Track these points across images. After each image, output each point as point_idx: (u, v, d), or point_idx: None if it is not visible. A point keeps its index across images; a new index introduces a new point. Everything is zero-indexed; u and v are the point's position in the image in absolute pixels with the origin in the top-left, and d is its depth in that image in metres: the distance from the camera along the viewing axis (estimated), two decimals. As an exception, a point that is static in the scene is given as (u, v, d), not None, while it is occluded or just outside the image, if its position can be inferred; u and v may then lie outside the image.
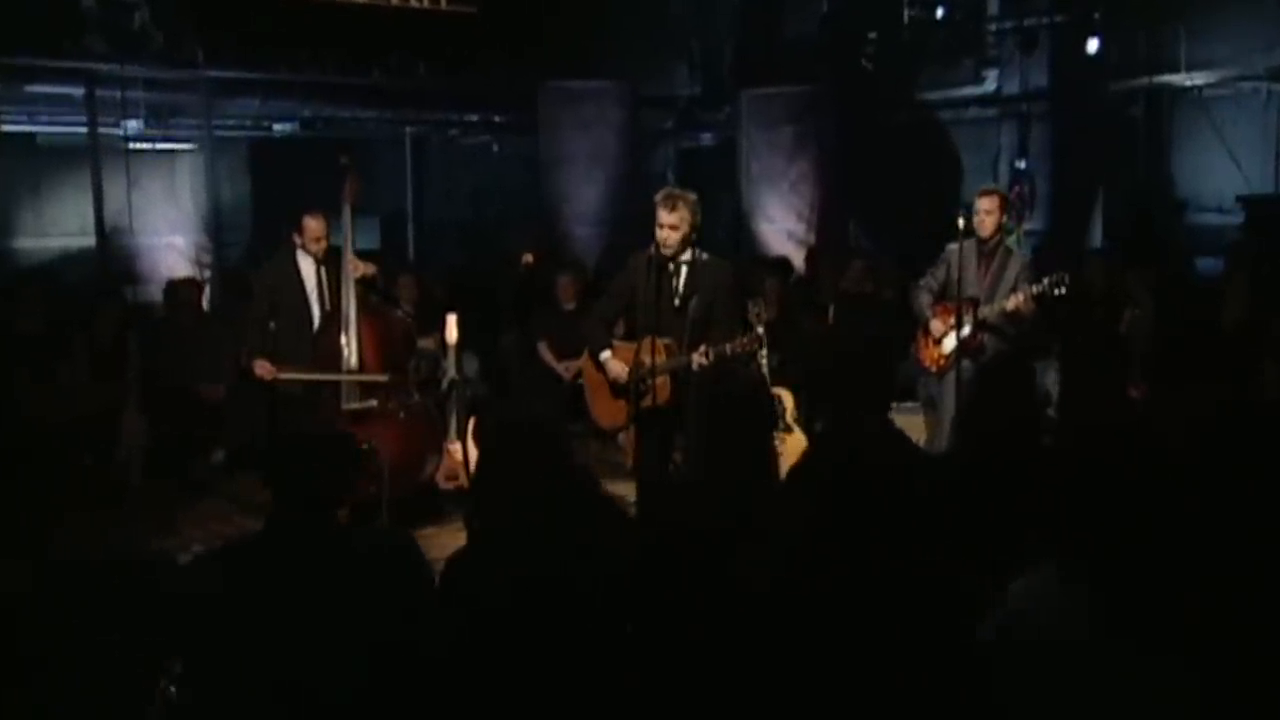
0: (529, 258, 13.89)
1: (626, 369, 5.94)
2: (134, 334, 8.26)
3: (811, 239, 12.95)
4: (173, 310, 9.01)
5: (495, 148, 15.64)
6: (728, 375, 3.18)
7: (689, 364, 5.69)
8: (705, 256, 5.99)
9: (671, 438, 6.00)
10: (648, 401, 5.78)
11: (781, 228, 13.02)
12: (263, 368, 6.60)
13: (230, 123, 13.29)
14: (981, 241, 6.78)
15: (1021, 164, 13.41)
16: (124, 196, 11.84)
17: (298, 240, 6.78)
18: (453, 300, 9.72)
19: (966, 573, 2.40)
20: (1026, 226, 12.95)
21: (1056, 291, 6.51)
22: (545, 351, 9.33)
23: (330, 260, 6.78)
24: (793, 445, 7.38)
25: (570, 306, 9.43)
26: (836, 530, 2.31)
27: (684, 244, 5.84)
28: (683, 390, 5.80)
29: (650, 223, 5.87)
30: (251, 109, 13.38)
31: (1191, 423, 2.86)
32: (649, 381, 5.74)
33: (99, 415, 7.76)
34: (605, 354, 6.07)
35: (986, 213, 6.78)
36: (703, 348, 5.67)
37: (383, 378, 6.56)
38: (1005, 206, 6.95)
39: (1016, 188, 13.26)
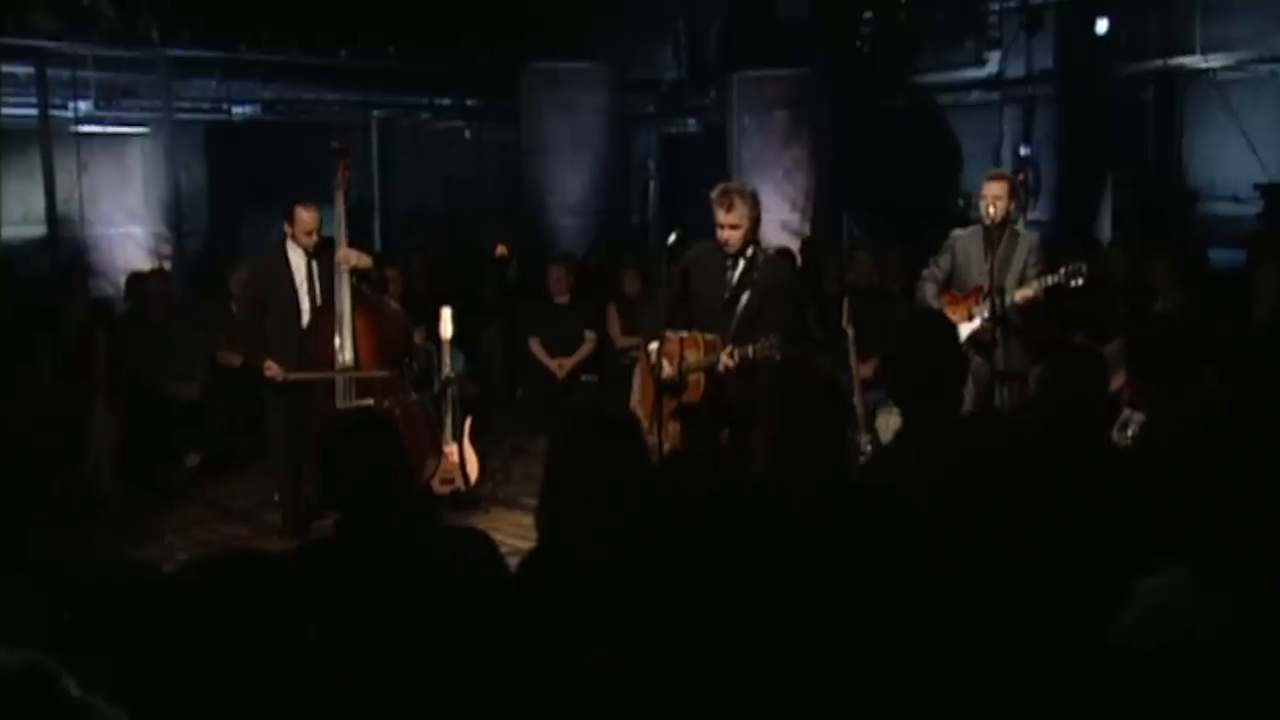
0: (502, 249, 13.92)
1: (668, 362, 6.02)
2: (102, 330, 8.21)
3: (806, 230, 13.00)
4: (140, 304, 8.95)
5: (468, 133, 15.65)
6: (803, 368, 3.22)
7: (717, 363, 5.80)
8: (770, 251, 6.13)
9: (716, 437, 6.12)
10: (675, 399, 5.89)
11: (774, 218, 12.99)
12: (271, 368, 6.57)
13: (186, 105, 13.20)
14: (988, 227, 6.79)
15: (1025, 151, 13.51)
16: (72, 183, 11.77)
17: (288, 231, 6.75)
18: (435, 294, 9.76)
19: (1090, 569, 2.47)
20: (1031, 217, 13.05)
21: (1073, 283, 6.55)
22: (537, 348, 9.34)
23: (322, 253, 6.76)
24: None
25: (563, 300, 9.45)
26: (980, 524, 2.37)
27: (746, 239, 5.96)
28: (717, 388, 5.93)
29: (638, 214, 5.93)
30: (209, 90, 13.32)
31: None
32: (680, 378, 5.85)
33: (66, 418, 7.71)
34: (654, 344, 6.07)
35: (995, 198, 6.74)
36: (729, 348, 5.76)
37: (384, 374, 6.58)
38: (1014, 191, 6.93)
39: (1020, 176, 13.35)
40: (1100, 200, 12.96)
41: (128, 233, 11.84)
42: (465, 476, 7.33)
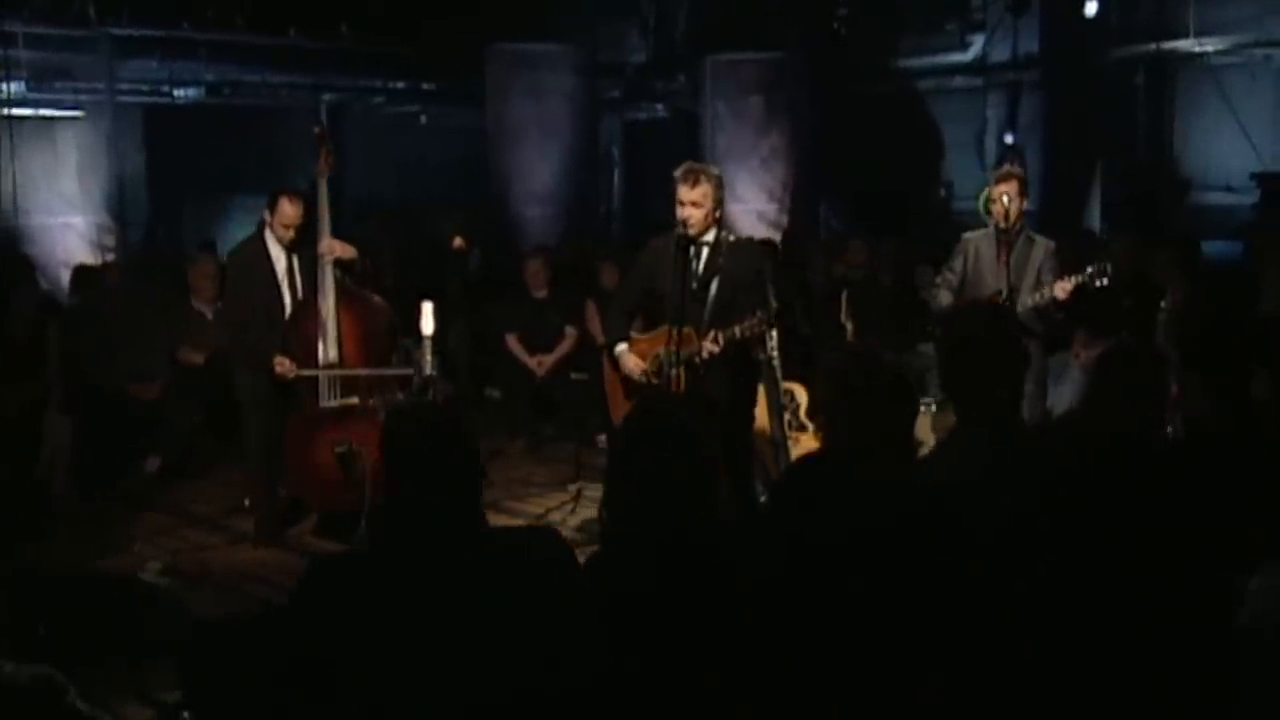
0: (459, 241, 13.92)
1: (642, 364, 6.09)
2: (54, 326, 8.14)
3: (784, 221, 13.09)
4: (91, 299, 8.90)
5: (423, 119, 15.63)
6: (868, 359, 3.28)
7: (699, 352, 5.86)
8: (731, 237, 6.16)
9: None
10: None
11: (751, 208, 13.11)
12: (283, 364, 6.57)
13: (124, 87, 13.06)
14: (1001, 230, 6.86)
15: (1010, 139, 13.65)
16: (3, 169, 11.62)
17: (267, 220, 6.75)
18: (402, 288, 9.75)
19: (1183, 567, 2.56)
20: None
21: (1098, 283, 6.63)
22: (514, 345, 9.36)
23: (302, 244, 6.77)
24: (808, 444, 7.53)
25: (541, 294, 9.48)
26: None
27: (707, 223, 5.97)
28: (696, 382, 5.94)
29: (605, 203, 5.97)
30: (149, 71, 13.18)
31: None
32: (671, 374, 5.89)
33: (17, 419, 7.64)
34: (620, 347, 6.18)
35: (1006, 198, 6.84)
36: (712, 333, 5.83)
37: (401, 372, 6.63)
38: (1025, 190, 6.97)
39: (1005, 165, 13.50)
40: (1089, 190, 13.13)
41: (67, 223, 11.71)
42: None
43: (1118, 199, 12.97)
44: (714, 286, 5.97)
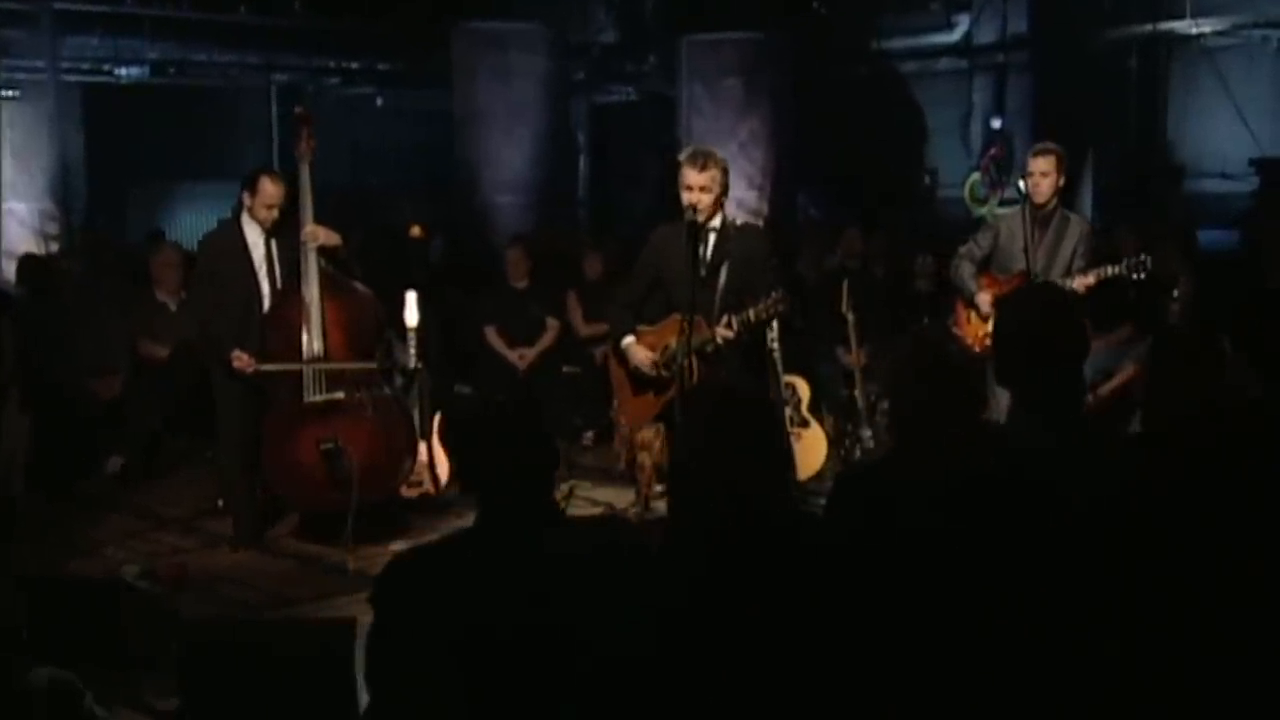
0: (417, 229, 13.95)
1: (652, 355, 6.13)
2: (7, 321, 8.07)
3: (765, 209, 13.13)
4: (41, 291, 8.84)
5: (379, 101, 15.60)
6: (936, 345, 3.34)
7: (712, 339, 5.91)
8: (739, 221, 6.24)
9: None
10: (666, 394, 5.98)
11: (731, 196, 13.11)
12: (241, 359, 6.53)
13: (64, 65, 12.97)
14: (1035, 207, 6.93)
15: (997, 124, 13.80)
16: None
17: (246, 203, 6.73)
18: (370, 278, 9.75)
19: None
20: (1006, 195, 13.32)
21: (1135, 276, 6.75)
22: (495, 337, 9.38)
23: (281, 230, 6.76)
24: (811, 440, 7.64)
25: (521, 285, 9.51)
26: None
27: (716, 207, 6.05)
28: (709, 372, 5.95)
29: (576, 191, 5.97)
30: (90, 49, 13.10)
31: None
32: (682, 362, 5.91)
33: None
34: (628, 339, 6.19)
35: (1042, 174, 6.85)
36: (726, 318, 5.87)
37: (371, 366, 6.63)
38: (1063, 166, 7.05)
39: (992, 150, 13.67)
40: (1080, 178, 13.21)
41: (9, 209, 11.63)
42: (435, 478, 7.33)
43: (1110, 187, 13.08)
44: (723, 273, 6.02)
